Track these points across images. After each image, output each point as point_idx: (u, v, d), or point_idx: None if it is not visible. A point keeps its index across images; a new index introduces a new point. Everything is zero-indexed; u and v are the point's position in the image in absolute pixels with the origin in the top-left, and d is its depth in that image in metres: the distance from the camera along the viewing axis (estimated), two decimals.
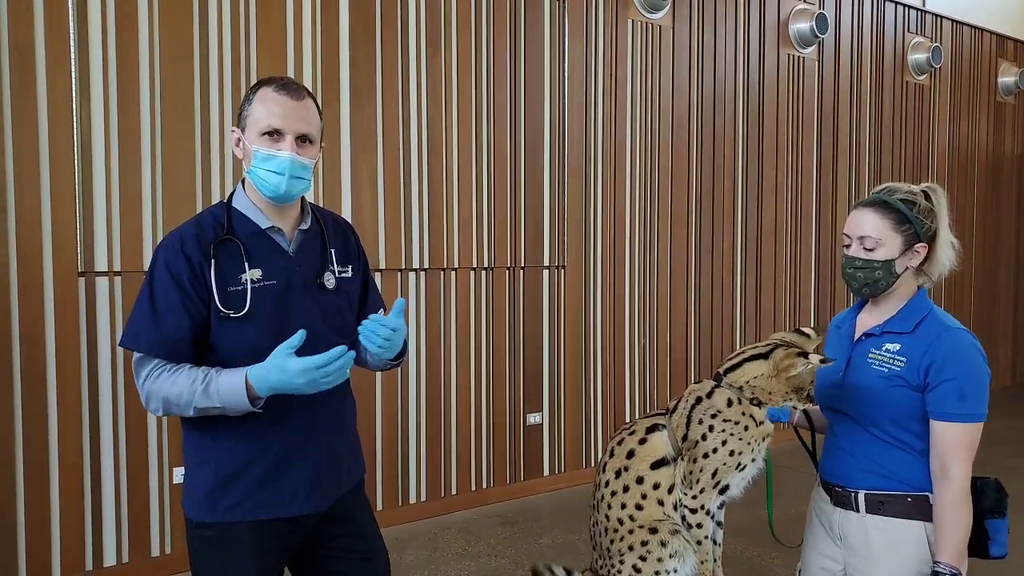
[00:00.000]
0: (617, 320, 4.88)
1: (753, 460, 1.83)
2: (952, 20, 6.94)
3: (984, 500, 1.69)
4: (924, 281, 1.82)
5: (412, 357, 4.10)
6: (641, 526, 1.84)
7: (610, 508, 1.89)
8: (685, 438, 1.84)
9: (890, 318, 1.79)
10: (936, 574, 1.63)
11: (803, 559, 1.96)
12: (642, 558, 1.81)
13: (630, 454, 1.89)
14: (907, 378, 1.70)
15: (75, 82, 3.17)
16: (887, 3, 6.37)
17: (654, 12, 4.94)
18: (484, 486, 4.38)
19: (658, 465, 1.86)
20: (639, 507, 1.85)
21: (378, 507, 3.98)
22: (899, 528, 1.72)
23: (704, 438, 1.81)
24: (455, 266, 4.21)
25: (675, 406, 1.91)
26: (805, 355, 1.76)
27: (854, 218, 1.78)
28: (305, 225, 1.77)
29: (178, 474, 3.41)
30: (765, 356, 1.82)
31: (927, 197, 1.75)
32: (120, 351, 3.28)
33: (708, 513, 1.83)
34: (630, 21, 4.86)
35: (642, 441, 1.89)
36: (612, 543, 1.88)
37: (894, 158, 6.55)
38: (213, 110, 3.49)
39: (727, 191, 5.41)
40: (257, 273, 1.66)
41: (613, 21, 4.78)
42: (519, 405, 4.49)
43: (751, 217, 5.55)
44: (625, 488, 1.87)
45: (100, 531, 3.29)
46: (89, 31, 3.20)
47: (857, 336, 1.84)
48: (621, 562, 1.85)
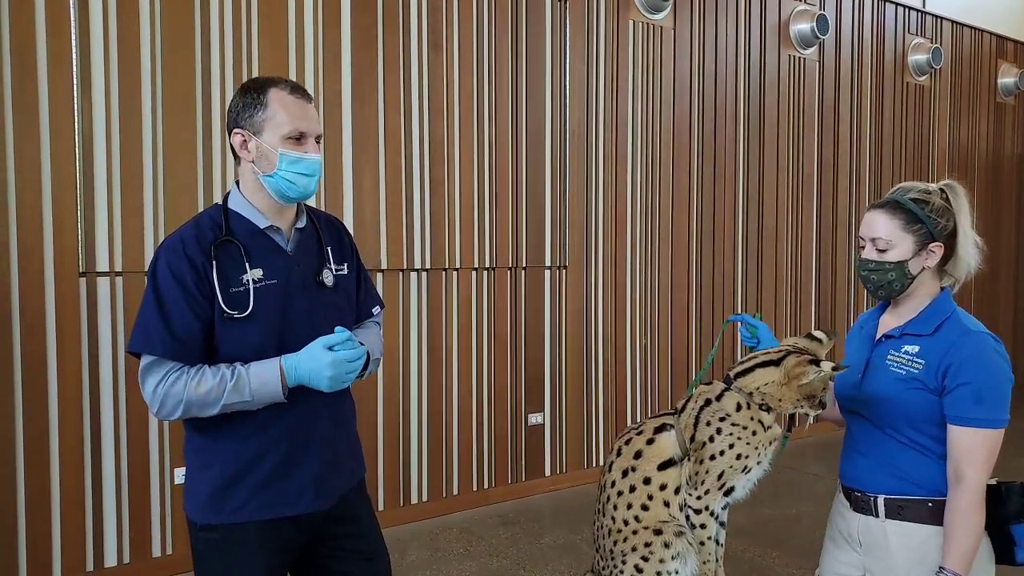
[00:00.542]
0: (618, 321, 4.88)
1: (759, 463, 1.82)
2: (952, 21, 6.94)
3: (1009, 504, 1.65)
4: (949, 281, 1.77)
5: (413, 357, 4.09)
6: (646, 527, 1.83)
7: (616, 509, 1.88)
8: (693, 439, 1.83)
9: (911, 320, 1.75)
10: None
11: (821, 566, 1.93)
12: (644, 559, 1.81)
13: (637, 454, 1.88)
14: (925, 381, 1.68)
15: (76, 79, 3.16)
16: (887, 4, 6.37)
17: (655, 13, 4.93)
18: (485, 486, 4.37)
19: (665, 466, 1.84)
20: (645, 507, 1.84)
21: (379, 507, 3.97)
22: (920, 534, 1.69)
23: (711, 440, 1.80)
24: (457, 266, 4.20)
25: (684, 406, 1.90)
26: (817, 362, 1.74)
27: (867, 220, 1.76)
28: (301, 224, 1.77)
29: (179, 475, 3.40)
30: (777, 363, 1.79)
31: (944, 195, 1.71)
32: (121, 352, 3.27)
33: (712, 514, 1.82)
34: (631, 22, 4.86)
35: (650, 441, 1.88)
36: (616, 544, 1.87)
37: (894, 159, 6.56)
38: (215, 106, 3.48)
39: (728, 192, 5.41)
40: (258, 273, 1.66)
41: (614, 22, 4.78)
42: (520, 405, 4.48)
43: (752, 218, 5.55)
44: (632, 488, 1.86)
45: (101, 532, 3.28)
46: (91, 31, 3.19)
47: (878, 337, 1.82)
48: (623, 563, 1.84)
